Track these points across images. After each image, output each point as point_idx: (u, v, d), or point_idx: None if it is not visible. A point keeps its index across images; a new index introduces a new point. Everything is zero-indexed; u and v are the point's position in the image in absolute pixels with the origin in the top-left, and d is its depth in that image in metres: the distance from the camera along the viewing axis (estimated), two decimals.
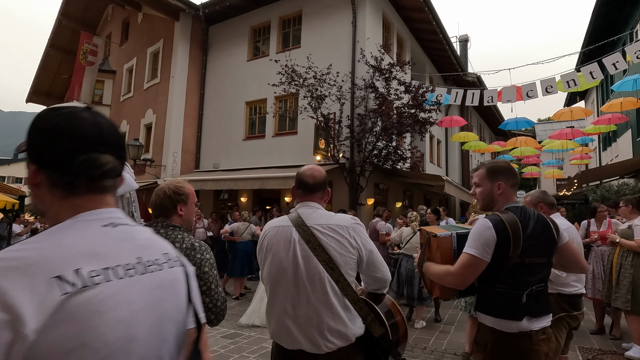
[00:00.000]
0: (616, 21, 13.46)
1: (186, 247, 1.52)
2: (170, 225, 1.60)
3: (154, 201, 1.65)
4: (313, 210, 1.55)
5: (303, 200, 1.60)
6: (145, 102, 12.87)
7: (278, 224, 1.59)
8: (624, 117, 9.97)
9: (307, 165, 1.66)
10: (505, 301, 1.54)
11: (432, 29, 11.59)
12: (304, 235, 1.47)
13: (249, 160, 10.73)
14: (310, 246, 1.44)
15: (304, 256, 1.45)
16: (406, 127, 8.09)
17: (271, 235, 1.57)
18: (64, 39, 16.92)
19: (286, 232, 1.52)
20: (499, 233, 1.52)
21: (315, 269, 1.43)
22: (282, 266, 1.48)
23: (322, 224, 1.49)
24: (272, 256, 1.53)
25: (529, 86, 7.43)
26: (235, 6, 11.14)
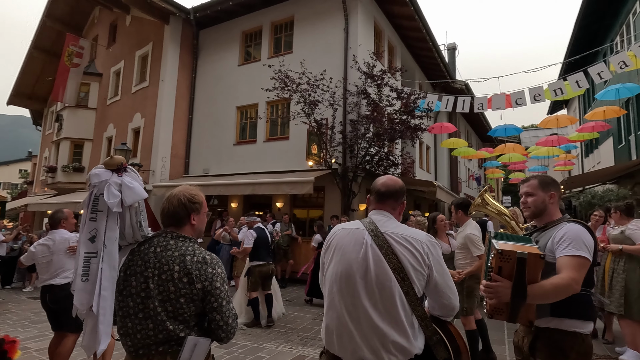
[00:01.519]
0: (597, 33, 13.96)
1: (197, 260, 1.46)
2: (180, 236, 1.54)
3: (166, 209, 1.58)
4: (386, 218, 1.53)
5: (375, 207, 1.60)
6: (133, 105, 12.63)
7: (349, 226, 1.57)
8: (606, 125, 10.27)
9: (383, 176, 1.68)
10: (586, 303, 1.62)
11: (422, 37, 11.77)
12: (377, 240, 1.44)
13: (240, 165, 10.62)
14: (382, 252, 1.41)
15: (376, 260, 1.41)
16: (398, 133, 8.14)
17: (341, 235, 1.54)
18: (48, 40, 16.55)
19: (358, 234, 1.49)
20: (593, 236, 1.64)
21: (386, 275, 1.38)
22: (351, 266, 1.44)
23: (397, 233, 1.46)
24: (340, 255, 1.48)
25: (517, 94, 7.59)
26: (227, 10, 11.09)
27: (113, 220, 1.62)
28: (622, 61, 6.70)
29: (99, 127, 14.39)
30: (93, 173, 1.65)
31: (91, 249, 1.58)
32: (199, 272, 1.43)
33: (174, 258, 1.45)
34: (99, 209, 1.61)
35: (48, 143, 17.00)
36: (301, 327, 5.14)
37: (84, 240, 1.59)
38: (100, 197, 1.61)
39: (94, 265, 1.56)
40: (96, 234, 1.59)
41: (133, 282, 1.46)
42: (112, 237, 1.61)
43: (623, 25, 12.05)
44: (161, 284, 1.42)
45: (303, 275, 8.43)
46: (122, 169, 1.68)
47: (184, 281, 1.40)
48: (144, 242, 1.56)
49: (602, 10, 12.70)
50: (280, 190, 8.54)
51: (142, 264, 1.47)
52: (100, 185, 1.62)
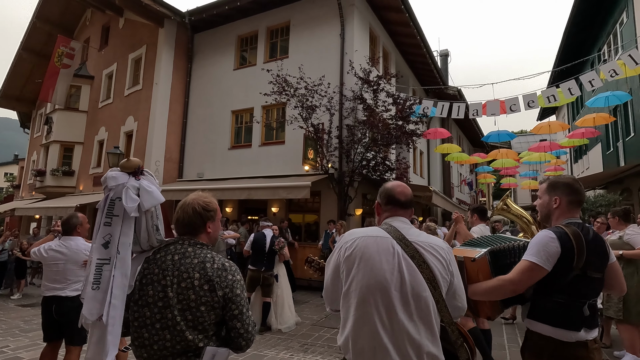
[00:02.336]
0: (585, 42, 14.32)
1: (217, 267, 1.43)
2: (197, 243, 1.51)
3: (181, 218, 1.54)
4: (408, 226, 1.49)
5: (394, 214, 1.54)
6: (125, 109, 12.48)
7: (372, 233, 1.46)
8: (596, 131, 10.51)
9: (394, 182, 1.62)
10: (565, 311, 1.59)
11: (416, 43, 11.91)
12: (407, 249, 1.39)
13: (235, 169, 10.55)
14: (415, 262, 1.37)
15: (410, 271, 1.36)
16: (395, 138, 8.19)
17: (365, 244, 1.43)
18: (38, 42, 16.29)
19: (385, 243, 1.42)
20: (564, 245, 1.59)
21: (421, 286, 1.35)
22: (385, 278, 1.36)
23: (424, 241, 1.43)
24: (370, 267, 1.38)
25: (511, 100, 7.72)
26: (222, 15, 11.07)
27: (128, 225, 1.54)
28: (613, 69, 6.87)
29: (90, 130, 14.17)
30: (110, 176, 1.57)
31: (104, 255, 1.49)
32: (219, 279, 1.40)
33: (194, 265, 1.42)
34: (115, 214, 1.53)
35: (36, 146, 16.66)
36: (300, 333, 5.09)
37: (97, 246, 1.50)
38: (117, 200, 1.53)
39: (106, 272, 1.48)
40: (110, 239, 1.51)
41: (150, 291, 1.42)
42: (126, 243, 1.53)
43: (610, 35, 12.38)
44: (181, 292, 1.38)
45: (300, 281, 8.39)
46: (139, 172, 1.61)
47: (205, 289, 1.38)
48: (160, 250, 1.52)
49: (591, 20, 13.05)
50: (277, 195, 8.49)
51: (159, 272, 1.43)
52: (118, 188, 1.54)
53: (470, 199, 23.31)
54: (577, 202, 1.75)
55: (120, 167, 1.61)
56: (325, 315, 5.99)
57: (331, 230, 7.90)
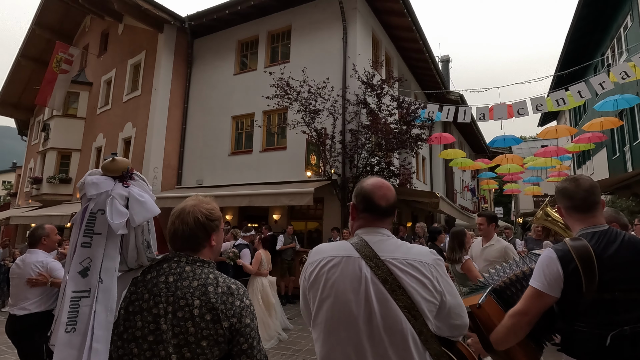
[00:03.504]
0: (587, 46, 14.23)
1: (222, 291, 1.16)
2: (197, 260, 1.22)
3: (179, 231, 1.23)
4: (384, 238, 1.22)
5: (370, 225, 1.26)
6: (124, 115, 12.29)
7: (337, 252, 1.21)
8: (603, 136, 10.32)
9: (374, 180, 1.30)
10: (585, 341, 1.32)
11: (418, 48, 11.79)
12: (379, 271, 1.14)
13: (235, 176, 10.32)
14: (387, 287, 1.12)
15: (380, 300, 1.11)
16: (402, 143, 7.98)
17: (330, 266, 1.18)
18: (37, 49, 16.17)
19: (353, 264, 1.16)
20: (565, 265, 1.34)
21: (396, 317, 1.10)
22: (350, 311, 1.13)
23: (400, 258, 1.16)
24: (333, 296, 1.15)
25: (519, 104, 7.54)
26: (223, 19, 10.94)
27: (113, 245, 1.20)
28: (624, 72, 6.70)
29: (87, 137, 13.96)
30: (89, 181, 1.21)
31: (82, 286, 1.14)
32: (224, 307, 1.13)
33: (193, 289, 1.14)
34: (96, 231, 1.18)
35: (34, 153, 16.44)
36: (306, 348, 4.81)
37: (72, 275, 1.14)
38: (99, 214, 1.18)
39: (85, 308, 1.12)
40: (90, 265, 1.15)
41: (138, 322, 1.13)
42: (111, 268, 1.18)
43: (614, 39, 12.28)
44: (177, 324, 1.10)
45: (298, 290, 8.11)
46: (128, 176, 1.27)
47: (207, 319, 1.10)
48: (150, 270, 1.21)
49: (593, 25, 12.97)
50: (279, 202, 8.25)
51: (149, 298, 1.14)
52: (100, 198, 1.19)
53: (472, 206, 23.05)
54: (577, 208, 1.46)
55: (102, 170, 1.26)
56: None
57: (335, 237, 7.64)
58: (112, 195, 1.20)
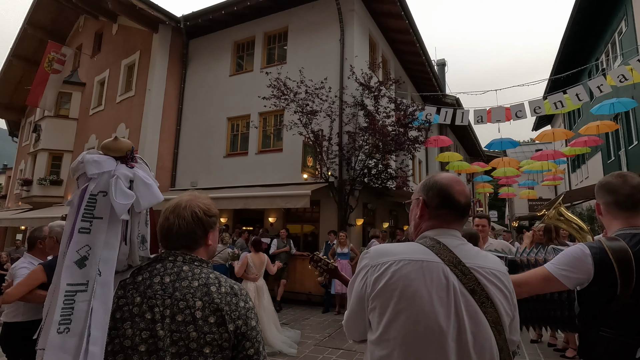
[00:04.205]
0: (582, 51, 14.34)
1: (226, 291, 1.05)
2: (195, 259, 1.11)
3: (175, 226, 1.11)
4: (462, 242, 1.06)
5: (446, 225, 1.09)
6: (117, 116, 12.10)
7: (413, 254, 1.01)
8: (599, 139, 10.35)
9: (448, 174, 1.15)
10: (610, 349, 1.22)
11: (415, 51, 11.77)
12: (465, 280, 0.98)
13: (230, 178, 10.17)
14: (476, 299, 0.97)
15: (470, 313, 0.96)
16: (400, 145, 7.91)
17: (407, 272, 0.98)
18: (29, 48, 15.92)
19: (435, 270, 0.98)
20: (599, 264, 1.25)
21: (485, 334, 0.96)
22: (438, 325, 0.94)
23: (484, 266, 1.01)
24: (416, 307, 0.95)
25: (517, 106, 7.51)
26: (218, 20, 10.84)
27: (115, 233, 1.05)
28: (622, 75, 6.70)
29: (80, 138, 13.73)
30: (89, 159, 1.06)
31: (78, 279, 0.98)
32: (229, 308, 1.02)
33: (194, 290, 1.02)
34: (97, 215, 1.03)
35: (24, 155, 16.14)
36: (303, 355, 4.67)
37: (68, 265, 0.98)
38: (100, 196, 1.04)
39: (82, 304, 0.96)
40: (89, 253, 1.00)
41: (127, 330, 0.99)
42: (111, 259, 1.03)
43: (608, 44, 12.38)
44: (176, 329, 0.98)
45: (299, 295, 7.96)
46: (131, 157, 1.13)
47: (211, 322, 0.99)
48: (141, 270, 1.08)
49: (588, 30, 13.06)
50: (275, 205, 8.12)
51: (142, 302, 1.01)
52: (102, 178, 1.05)
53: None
54: (620, 204, 1.37)
55: (103, 149, 1.12)
56: (328, 334, 5.57)
57: (332, 241, 7.52)
58: (116, 175, 1.06)
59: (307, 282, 8.00)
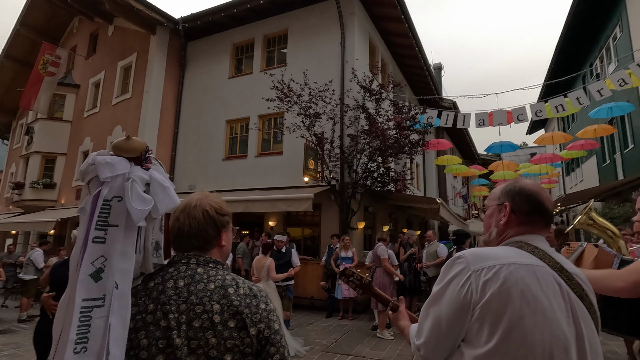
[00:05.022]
0: (576, 56, 14.56)
1: (244, 293, 0.98)
2: (210, 261, 1.04)
3: (186, 226, 1.04)
4: (552, 248, 1.03)
5: (537, 232, 1.04)
6: (113, 118, 11.91)
7: (519, 258, 0.95)
8: (596, 143, 10.46)
9: (534, 184, 1.12)
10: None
11: (414, 55, 11.82)
12: (572, 286, 0.94)
13: (229, 181, 10.06)
14: (585, 305, 0.94)
15: (585, 320, 0.92)
16: (400, 147, 7.89)
17: (521, 277, 0.90)
18: (21, 49, 15.63)
19: (548, 275, 0.93)
20: None
21: (597, 340, 0.94)
22: (563, 333, 0.88)
23: (578, 272, 0.99)
24: (541, 313, 0.87)
25: (519, 110, 7.55)
26: (217, 22, 10.77)
27: (131, 241, 0.97)
28: (622, 79, 6.77)
29: (74, 141, 13.49)
30: (101, 161, 0.97)
31: (94, 293, 0.89)
32: (249, 310, 0.95)
33: (211, 292, 0.95)
34: (111, 223, 0.94)
35: (15, 158, 15.80)
36: None
37: (83, 279, 0.89)
38: (114, 202, 0.95)
39: (99, 320, 0.88)
40: (105, 265, 0.91)
41: (142, 340, 0.91)
42: (128, 270, 0.94)
43: (603, 50, 12.57)
44: (194, 336, 0.91)
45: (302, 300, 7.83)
46: (146, 159, 1.04)
47: (231, 326, 0.92)
48: (153, 276, 1.01)
49: (582, 36, 13.26)
50: (276, 208, 8.03)
51: (155, 309, 0.94)
52: (116, 181, 0.96)
53: (463, 212, 23.18)
54: None
55: (114, 150, 1.02)
56: (335, 339, 5.48)
57: (334, 245, 7.45)
58: (132, 178, 0.97)
59: (309, 287, 7.91)
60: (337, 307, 7.12)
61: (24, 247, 14.32)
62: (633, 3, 10.02)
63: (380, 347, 5.07)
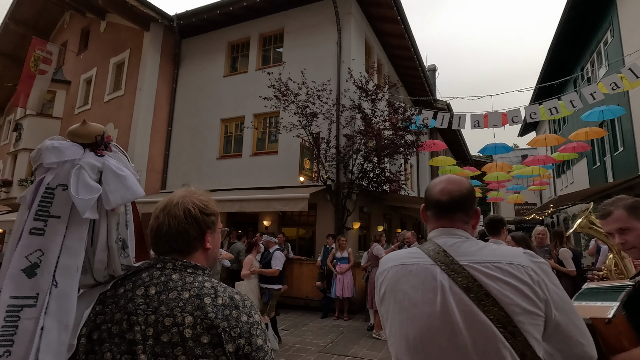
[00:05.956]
0: (567, 60, 14.78)
1: (223, 303, 0.86)
2: (189, 265, 0.93)
3: (165, 226, 0.94)
4: (460, 240, 1.02)
5: (438, 226, 1.08)
6: (105, 115, 11.72)
7: (406, 259, 1.04)
8: (587, 145, 10.62)
9: (441, 177, 1.14)
10: None
11: (409, 56, 11.87)
12: (458, 278, 0.93)
13: (223, 180, 9.97)
14: (472, 296, 0.91)
15: (464, 312, 0.90)
16: (398, 148, 7.91)
17: (397, 277, 1.03)
18: (10, 44, 15.30)
19: (425, 272, 0.98)
20: None
21: (487, 332, 0.88)
22: (428, 328, 0.94)
23: (484, 261, 0.94)
24: (406, 311, 0.98)
25: (514, 112, 7.63)
26: (213, 20, 10.67)
27: (77, 236, 0.86)
28: (614, 83, 6.88)
29: None
30: (48, 146, 0.88)
31: (25, 290, 0.79)
32: (228, 324, 0.83)
33: (184, 302, 0.84)
34: (53, 214, 0.84)
35: (3, 154, 15.45)
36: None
37: (13, 273, 0.79)
38: (59, 190, 0.85)
39: (28, 321, 0.78)
40: (41, 260, 0.81)
41: (106, 354, 0.82)
42: (72, 267, 0.84)
43: (594, 54, 12.78)
44: (161, 352, 0.80)
45: (297, 300, 7.80)
46: (103, 144, 0.94)
47: (204, 342, 0.81)
48: (124, 281, 0.92)
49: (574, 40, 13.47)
50: (271, 208, 7.98)
51: (122, 318, 0.84)
52: (62, 169, 0.87)
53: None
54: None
55: (69, 135, 0.92)
56: (331, 340, 5.46)
57: (330, 245, 7.42)
58: (79, 165, 0.87)
59: (304, 287, 7.87)
60: (333, 307, 7.10)
61: None
62: (624, 8, 10.20)
63: (377, 347, 5.07)
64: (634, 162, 9.69)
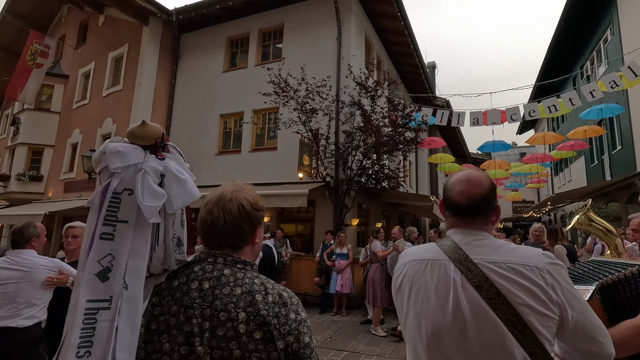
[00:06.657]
0: (567, 58, 14.78)
1: (273, 300, 0.89)
2: (238, 261, 0.95)
3: (220, 222, 0.96)
4: (477, 239, 1.03)
5: (456, 225, 1.09)
6: (103, 110, 11.68)
7: (423, 254, 1.08)
8: (585, 144, 10.65)
9: (459, 175, 1.12)
10: None
11: (409, 52, 11.85)
12: (471, 276, 0.95)
13: (222, 176, 9.94)
14: (483, 294, 0.92)
15: (474, 309, 0.93)
16: (398, 145, 7.92)
17: (413, 271, 1.06)
18: (7, 37, 15.19)
19: (440, 267, 1.02)
20: None
21: (496, 332, 0.90)
22: (439, 322, 0.97)
23: (498, 261, 0.96)
24: (420, 303, 1.02)
25: (512, 109, 7.64)
26: (212, 15, 10.61)
27: (143, 239, 0.88)
28: (613, 81, 6.89)
29: (62, 133, 13.19)
30: (112, 149, 0.89)
31: (100, 294, 0.83)
32: (278, 321, 0.86)
33: (237, 298, 0.87)
34: (121, 219, 0.86)
35: (1, 149, 15.38)
36: None
37: (88, 278, 0.83)
38: (125, 195, 0.87)
39: (104, 324, 0.82)
40: (112, 264, 0.84)
41: (165, 344, 0.85)
42: (139, 270, 0.87)
43: (594, 52, 12.78)
44: (217, 345, 0.83)
45: None
46: (162, 146, 0.96)
47: (257, 338, 0.84)
48: (177, 274, 0.95)
49: (574, 38, 13.46)
50: (270, 204, 7.97)
51: (179, 311, 0.87)
52: (127, 172, 0.88)
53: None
54: None
55: (128, 137, 0.94)
56: (329, 335, 5.50)
57: (329, 241, 7.45)
58: (143, 169, 0.88)
59: (302, 283, 7.91)
60: (331, 302, 7.14)
61: (9, 240, 14.00)
62: (624, 7, 10.20)
63: (375, 342, 5.11)
64: (632, 160, 9.74)
